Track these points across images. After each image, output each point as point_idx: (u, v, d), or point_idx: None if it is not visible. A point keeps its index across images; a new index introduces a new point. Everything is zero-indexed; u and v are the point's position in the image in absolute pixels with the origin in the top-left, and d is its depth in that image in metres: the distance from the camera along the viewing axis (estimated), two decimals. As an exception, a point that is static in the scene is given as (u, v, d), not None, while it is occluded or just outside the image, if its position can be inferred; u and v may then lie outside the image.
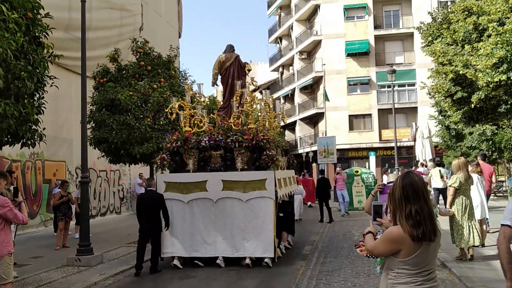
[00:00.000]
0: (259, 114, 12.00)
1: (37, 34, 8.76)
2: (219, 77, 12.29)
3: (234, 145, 10.56)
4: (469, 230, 9.11)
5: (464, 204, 9.21)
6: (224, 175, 10.47)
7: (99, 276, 9.45)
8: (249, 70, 12.29)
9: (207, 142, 10.67)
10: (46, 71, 8.85)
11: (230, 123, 10.89)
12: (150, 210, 9.96)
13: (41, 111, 9.07)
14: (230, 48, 12.35)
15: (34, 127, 8.74)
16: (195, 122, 11.32)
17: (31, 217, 17.23)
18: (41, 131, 9.02)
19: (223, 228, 10.36)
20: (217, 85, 12.62)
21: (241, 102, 11.38)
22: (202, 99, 12.51)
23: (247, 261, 10.13)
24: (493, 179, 13.24)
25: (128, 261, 10.89)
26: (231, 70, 12.00)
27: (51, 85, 9.19)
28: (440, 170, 16.25)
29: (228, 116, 11.45)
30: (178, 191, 10.57)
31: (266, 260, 10.09)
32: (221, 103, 12.74)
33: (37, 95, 8.90)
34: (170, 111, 11.40)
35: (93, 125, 13.86)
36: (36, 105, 8.81)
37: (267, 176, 10.24)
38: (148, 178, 11.84)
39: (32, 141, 8.70)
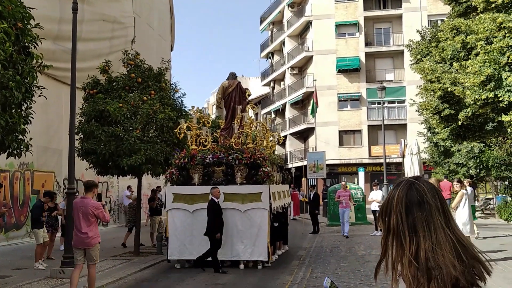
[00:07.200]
0: (257, 135, 13.38)
1: (26, 44, 8.72)
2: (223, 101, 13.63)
3: (234, 162, 11.95)
4: None
5: None
6: (225, 188, 11.79)
7: (83, 289, 9.33)
8: (249, 95, 13.72)
9: (211, 159, 12.12)
10: (35, 81, 8.79)
11: (231, 143, 12.31)
12: None
13: (29, 121, 9.00)
14: (232, 76, 13.80)
15: (20, 137, 8.65)
16: (201, 141, 12.83)
17: (17, 228, 17.05)
18: (27, 141, 8.94)
19: (224, 235, 11.45)
20: (220, 108, 13.99)
21: (241, 124, 12.81)
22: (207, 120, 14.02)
23: (241, 266, 11.57)
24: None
25: (113, 274, 10.79)
26: (233, 95, 13.39)
27: (40, 95, 9.14)
28: None
29: (230, 136, 12.85)
30: (185, 201, 11.99)
31: (259, 263, 11.53)
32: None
33: (25, 105, 8.83)
34: (178, 131, 12.70)
35: (82, 136, 13.78)
36: (23, 115, 8.73)
37: (262, 189, 11.63)
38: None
39: (18, 151, 8.60)
